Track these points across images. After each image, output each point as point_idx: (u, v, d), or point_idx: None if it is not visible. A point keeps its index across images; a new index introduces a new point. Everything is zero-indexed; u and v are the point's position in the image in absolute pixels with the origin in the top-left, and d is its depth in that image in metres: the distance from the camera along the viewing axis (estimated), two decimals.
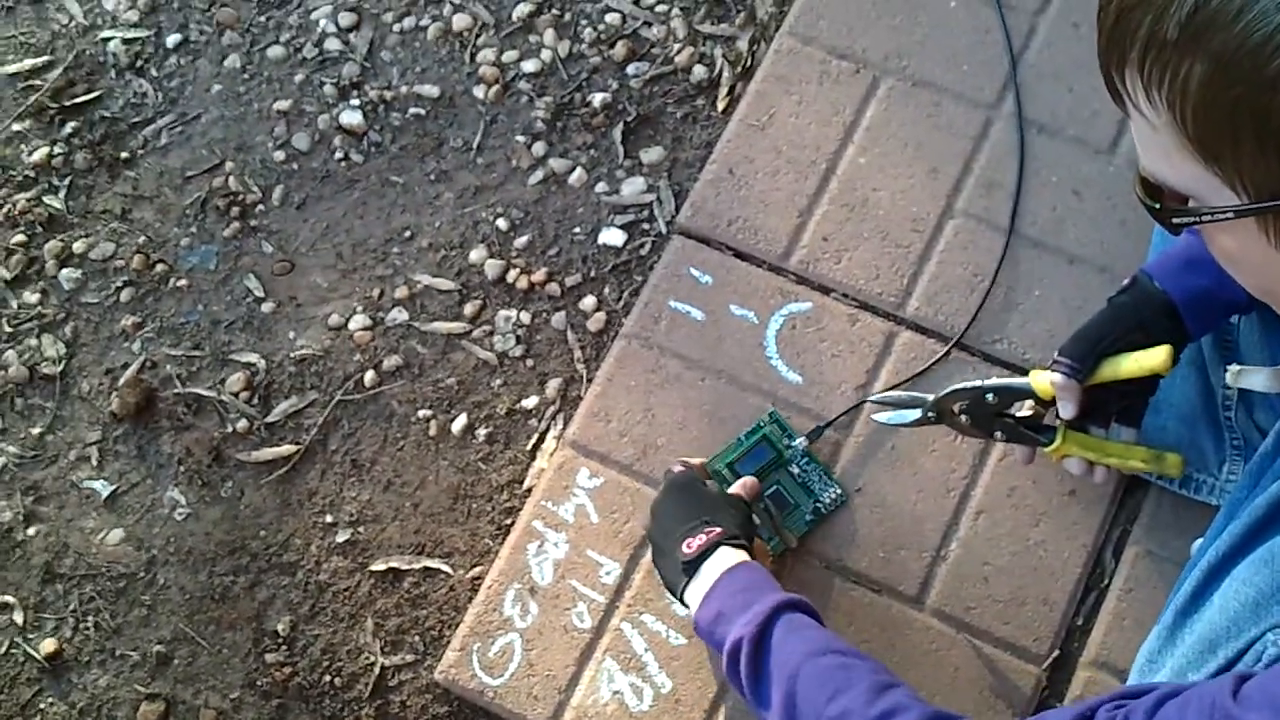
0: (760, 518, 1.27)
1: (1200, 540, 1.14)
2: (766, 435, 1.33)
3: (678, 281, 1.44)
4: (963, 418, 1.20)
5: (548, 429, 1.43)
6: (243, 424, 1.47)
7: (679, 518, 1.22)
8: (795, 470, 1.32)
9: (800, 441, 1.32)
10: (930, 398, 1.21)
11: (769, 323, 1.42)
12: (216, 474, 1.46)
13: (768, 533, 1.28)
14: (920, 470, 1.32)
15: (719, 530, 1.18)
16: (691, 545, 1.18)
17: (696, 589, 1.16)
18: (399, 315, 1.51)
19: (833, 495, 1.31)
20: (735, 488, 1.26)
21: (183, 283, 1.56)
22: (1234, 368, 1.06)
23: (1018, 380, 1.17)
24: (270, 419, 1.48)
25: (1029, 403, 1.16)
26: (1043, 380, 1.15)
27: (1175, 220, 0.75)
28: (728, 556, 1.16)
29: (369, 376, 1.48)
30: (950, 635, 1.26)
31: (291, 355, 1.50)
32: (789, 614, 1.06)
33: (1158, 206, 0.76)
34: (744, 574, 1.13)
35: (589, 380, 1.43)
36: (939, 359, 1.37)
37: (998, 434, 1.20)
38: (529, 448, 1.43)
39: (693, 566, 1.17)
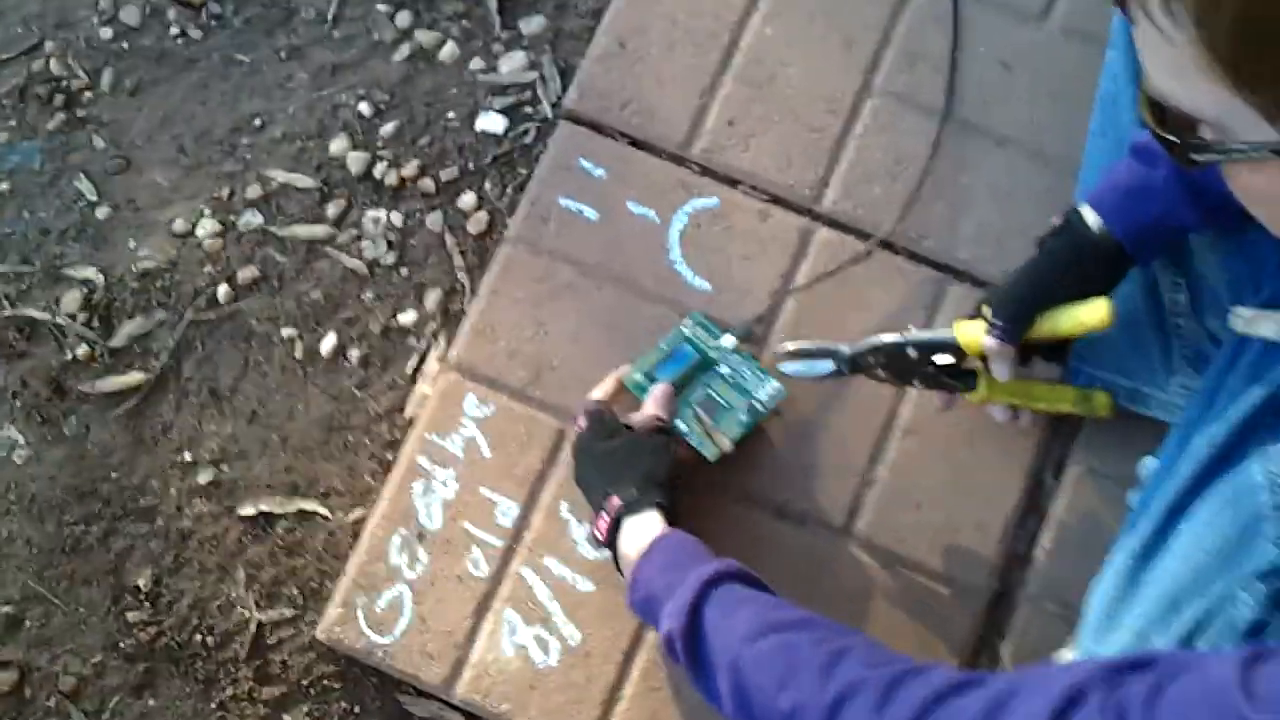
0: (689, 425, 1.16)
1: (1149, 458, 1.06)
2: (688, 336, 1.20)
3: (567, 175, 1.30)
4: (880, 371, 1.13)
5: (429, 349, 1.30)
6: (83, 350, 1.32)
7: (587, 489, 1.13)
8: (725, 370, 1.20)
9: (727, 338, 1.22)
10: (845, 350, 1.13)
11: (671, 222, 1.30)
12: (58, 408, 1.31)
13: (698, 439, 1.18)
14: (843, 389, 1.23)
15: (617, 503, 1.07)
16: (600, 527, 1.08)
17: (625, 570, 1.06)
18: (252, 218, 1.35)
19: (770, 391, 1.18)
20: (647, 401, 1.14)
21: (3, 186, 1.37)
22: (1244, 311, 0.96)
23: (941, 334, 1.09)
24: (114, 343, 1.32)
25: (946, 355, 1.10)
26: (969, 333, 1.07)
27: (1196, 158, 0.64)
28: (637, 530, 1.06)
29: (223, 291, 1.32)
30: (881, 569, 1.18)
31: (133, 268, 1.34)
32: (718, 590, 0.96)
33: (1174, 140, 0.65)
34: (661, 550, 1.02)
35: (472, 291, 1.29)
36: (860, 258, 1.24)
37: (915, 382, 1.13)
38: (409, 371, 1.30)
39: (610, 549, 1.08)
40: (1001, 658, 1.17)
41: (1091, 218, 0.99)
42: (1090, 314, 1.03)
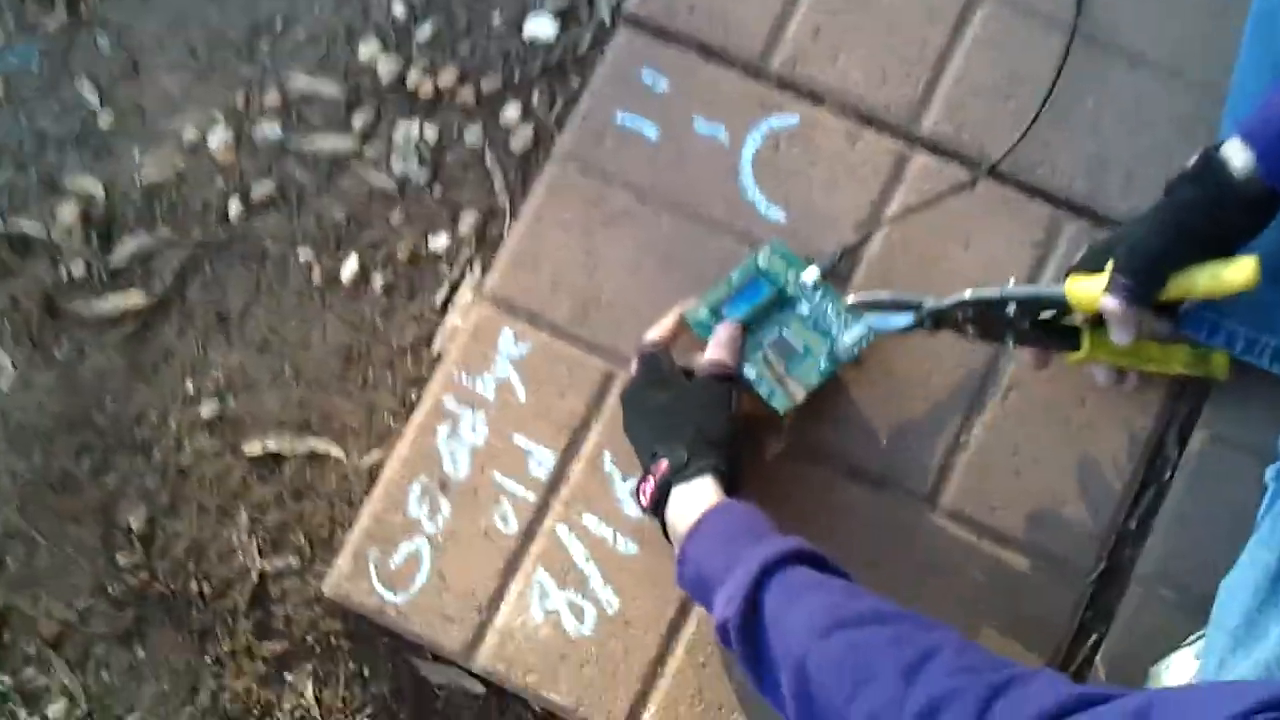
0: (758, 370, 1.01)
1: None
2: (763, 268, 1.04)
3: (626, 87, 1.15)
4: (968, 327, 0.98)
5: (461, 278, 1.14)
6: (80, 268, 1.19)
7: (636, 445, 0.98)
8: (804, 309, 1.04)
9: (810, 271, 1.05)
10: (929, 302, 0.98)
11: (744, 142, 1.14)
12: (50, 331, 1.18)
13: (768, 388, 1.03)
14: (931, 350, 1.05)
15: (665, 466, 0.93)
16: (644, 492, 0.94)
17: (675, 543, 0.92)
18: (270, 129, 1.20)
19: (856, 334, 1.02)
20: (711, 343, 0.99)
21: None
22: None
23: (1048, 290, 0.95)
24: (113, 262, 1.20)
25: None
26: (1086, 291, 0.92)
27: None
28: (687, 498, 0.91)
29: (235, 208, 1.18)
30: (970, 542, 1.03)
31: (137, 181, 1.20)
32: (781, 574, 0.81)
33: None
34: (714, 524, 0.88)
35: (513, 215, 1.14)
36: (963, 188, 1.08)
37: (1007, 339, 0.98)
38: (438, 301, 1.14)
39: (657, 517, 0.94)
40: (1104, 647, 1.00)
41: (1238, 157, 0.84)
42: (1235, 273, 0.88)
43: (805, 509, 1.04)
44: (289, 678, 1.07)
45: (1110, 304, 0.90)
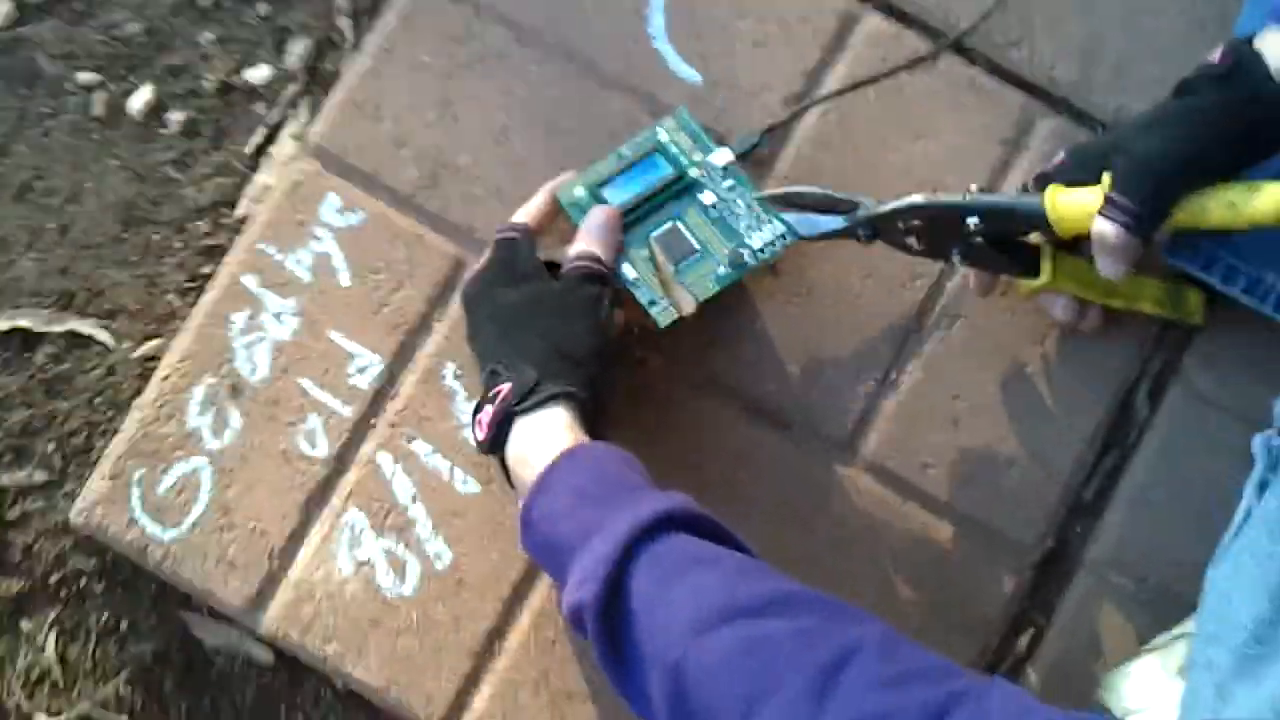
0: (638, 270, 0.80)
1: None
2: (662, 143, 0.83)
3: None
4: (911, 239, 0.79)
5: (282, 122, 0.89)
6: None
7: (478, 362, 0.79)
8: (709, 198, 0.83)
9: (721, 153, 0.84)
10: (867, 204, 0.80)
11: None
12: None
13: (650, 293, 0.80)
14: (867, 261, 0.84)
15: (507, 390, 0.73)
16: (481, 424, 0.74)
17: (519, 493, 0.73)
18: None
19: (769, 235, 0.82)
20: (581, 231, 0.79)
21: None
22: None
23: (1023, 201, 0.76)
24: None
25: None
26: (1071, 207, 0.74)
27: None
28: (533, 435, 0.72)
29: (5, 9, 0.89)
30: (891, 504, 0.85)
31: None
32: (653, 545, 0.63)
33: None
34: (569, 472, 0.69)
35: (356, 45, 0.87)
36: (920, 62, 0.87)
37: (955, 255, 0.79)
38: (249, 150, 0.88)
39: (496, 456, 0.74)
40: (1043, 643, 0.83)
41: (1276, 51, 0.67)
42: (1264, 200, 0.70)
43: (690, 454, 0.85)
44: (25, 626, 0.84)
45: (1107, 230, 0.71)
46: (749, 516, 0.82)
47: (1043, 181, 0.78)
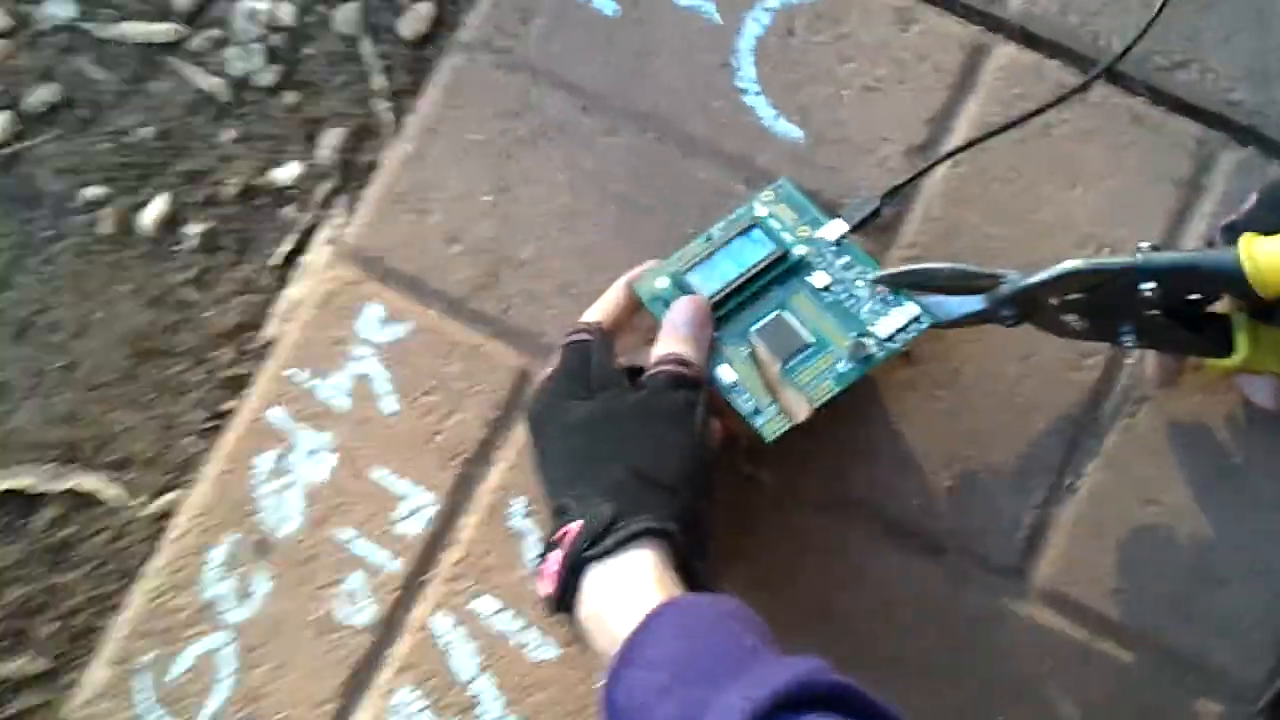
0: (741, 372, 0.65)
1: None
2: (760, 217, 0.69)
3: None
4: (1070, 317, 0.63)
5: (315, 225, 0.76)
6: None
7: (544, 491, 0.63)
8: (821, 279, 0.68)
9: (834, 226, 0.69)
10: (1012, 278, 0.63)
11: (743, 22, 0.77)
12: None
13: (753, 400, 0.64)
14: (1024, 340, 0.67)
15: (576, 528, 0.58)
16: (546, 575, 0.59)
17: (600, 659, 0.56)
18: (59, 9, 0.80)
19: (899, 320, 0.66)
20: (664, 329, 0.64)
21: None
22: None
23: (1211, 257, 0.59)
24: None
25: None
26: (1270, 257, 0.57)
27: None
28: (610, 586, 0.57)
29: (2, 121, 0.78)
30: (1080, 641, 0.69)
31: None
32: None
33: None
34: (661, 633, 0.53)
35: (396, 130, 0.74)
36: (1070, 94, 0.72)
37: (1124, 335, 0.62)
38: (277, 261, 0.75)
39: (563, 610, 0.59)
40: None
41: None
42: None
43: (820, 597, 0.68)
44: None
45: None
46: (901, 671, 0.66)
47: (1232, 233, 0.61)
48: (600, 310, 0.66)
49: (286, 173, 0.80)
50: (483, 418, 0.71)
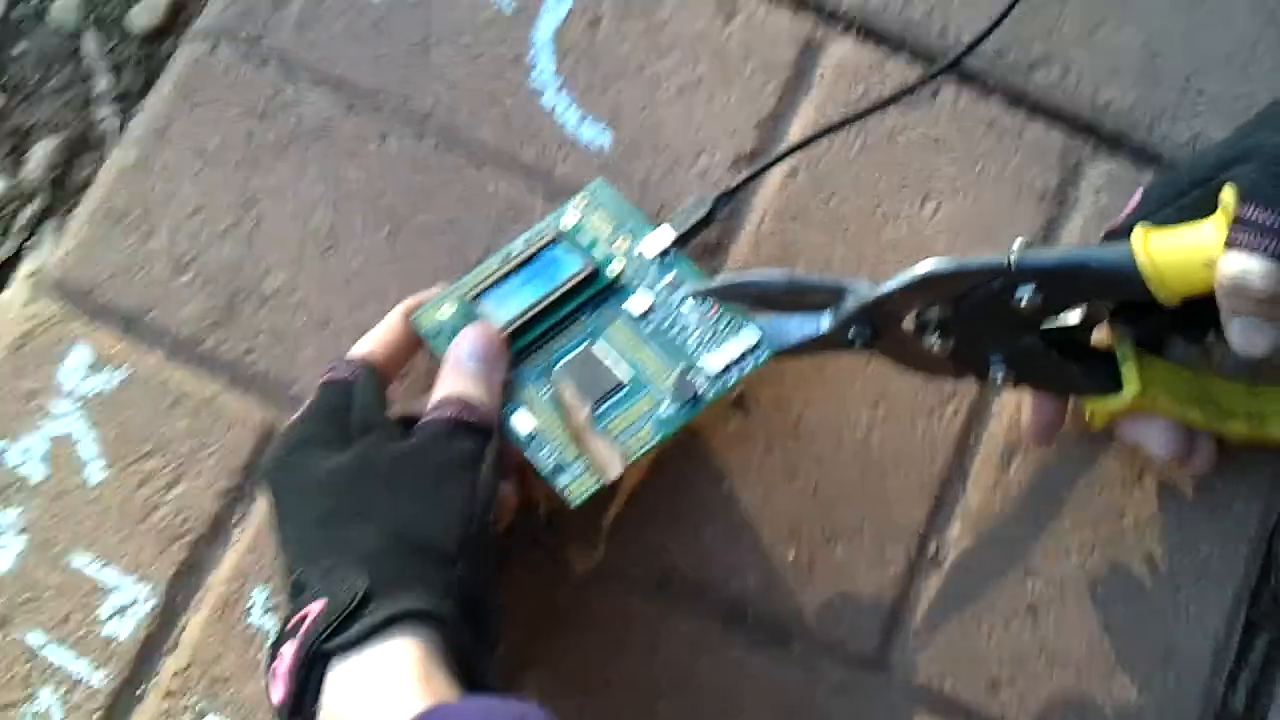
0: (541, 419, 0.54)
1: None
2: (564, 231, 0.59)
3: None
4: (932, 338, 0.53)
5: (16, 257, 0.61)
6: None
7: (283, 562, 0.51)
8: (639, 304, 0.58)
9: (656, 236, 0.59)
10: (855, 293, 0.53)
11: (540, 11, 0.67)
12: None
13: (556, 454, 0.54)
14: (875, 380, 0.57)
15: (316, 607, 0.46)
16: (276, 673, 0.46)
17: None
18: None
19: (735, 351, 0.56)
20: (445, 364, 0.54)
21: None
22: None
23: (1099, 253, 0.50)
24: None
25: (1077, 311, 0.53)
26: (1167, 250, 0.48)
27: None
28: (361, 691, 0.44)
29: None
30: None
31: None
32: None
33: None
34: None
35: (122, 130, 0.60)
36: (913, 88, 0.64)
37: (995, 368, 0.53)
38: None
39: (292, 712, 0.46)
40: None
41: None
42: None
43: (642, 698, 0.57)
44: None
45: (1248, 268, 0.46)
46: None
47: (1115, 238, 0.53)
48: (371, 343, 0.55)
49: None
50: (215, 488, 0.58)
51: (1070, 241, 0.64)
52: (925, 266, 0.51)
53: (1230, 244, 0.47)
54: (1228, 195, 0.47)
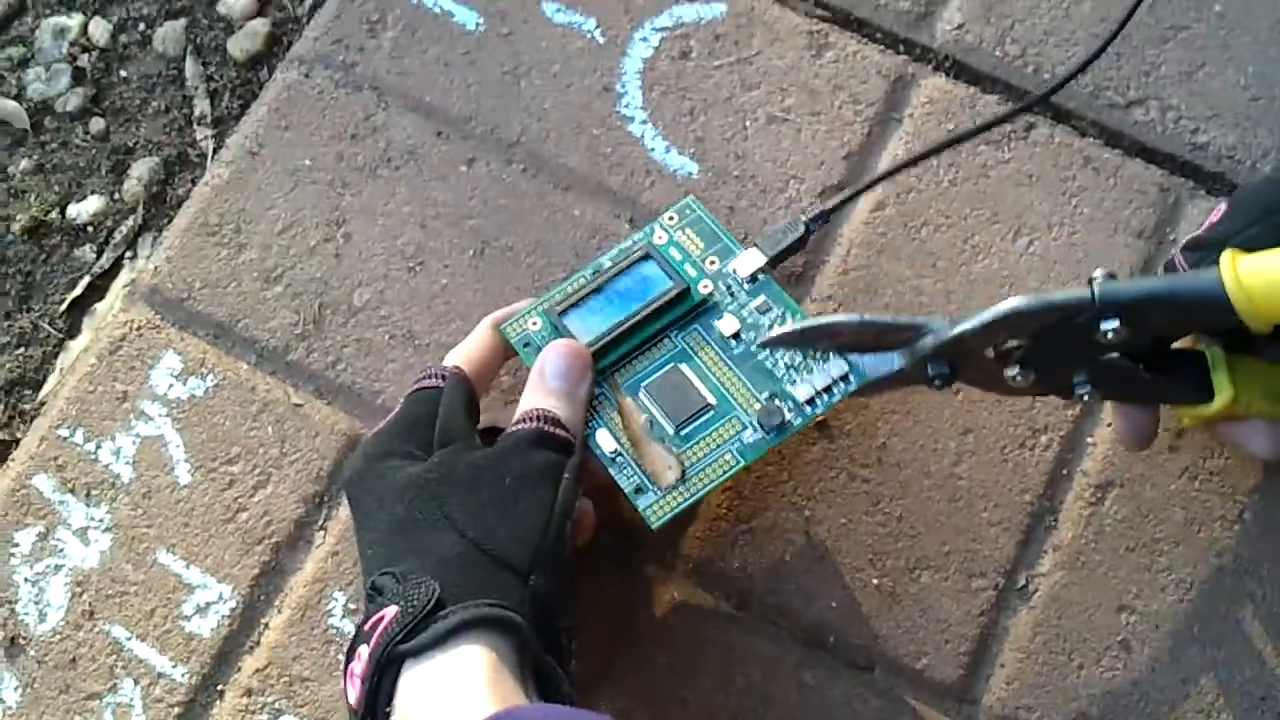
0: (620, 438, 0.56)
1: None
2: (657, 246, 0.60)
3: None
4: (1014, 369, 0.53)
5: (116, 268, 0.66)
6: None
7: (361, 569, 0.53)
8: (731, 324, 0.59)
9: (748, 257, 0.60)
10: (933, 332, 0.54)
11: (629, 42, 0.70)
12: None
13: (637, 474, 0.55)
14: (963, 410, 0.60)
15: (390, 612, 0.48)
16: (352, 675, 0.48)
17: None
18: None
19: (824, 380, 0.57)
20: (532, 380, 0.55)
21: None
22: None
23: (1188, 281, 0.50)
24: None
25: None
26: (1260, 275, 0.48)
27: None
28: (435, 695, 0.46)
29: None
30: None
31: None
32: None
33: None
34: None
35: (218, 151, 0.65)
36: (998, 120, 0.65)
37: (1080, 384, 0.53)
38: (62, 305, 0.64)
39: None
40: None
41: None
42: None
43: (713, 715, 0.58)
44: None
45: None
46: None
47: (1197, 251, 0.55)
48: (461, 355, 0.57)
49: (85, 208, 0.71)
50: (299, 493, 0.61)
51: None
52: (1007, 305, 0.52)
53: None
54: None
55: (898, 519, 0.60)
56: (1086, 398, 0.54)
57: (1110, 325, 0.50)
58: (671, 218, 0.61)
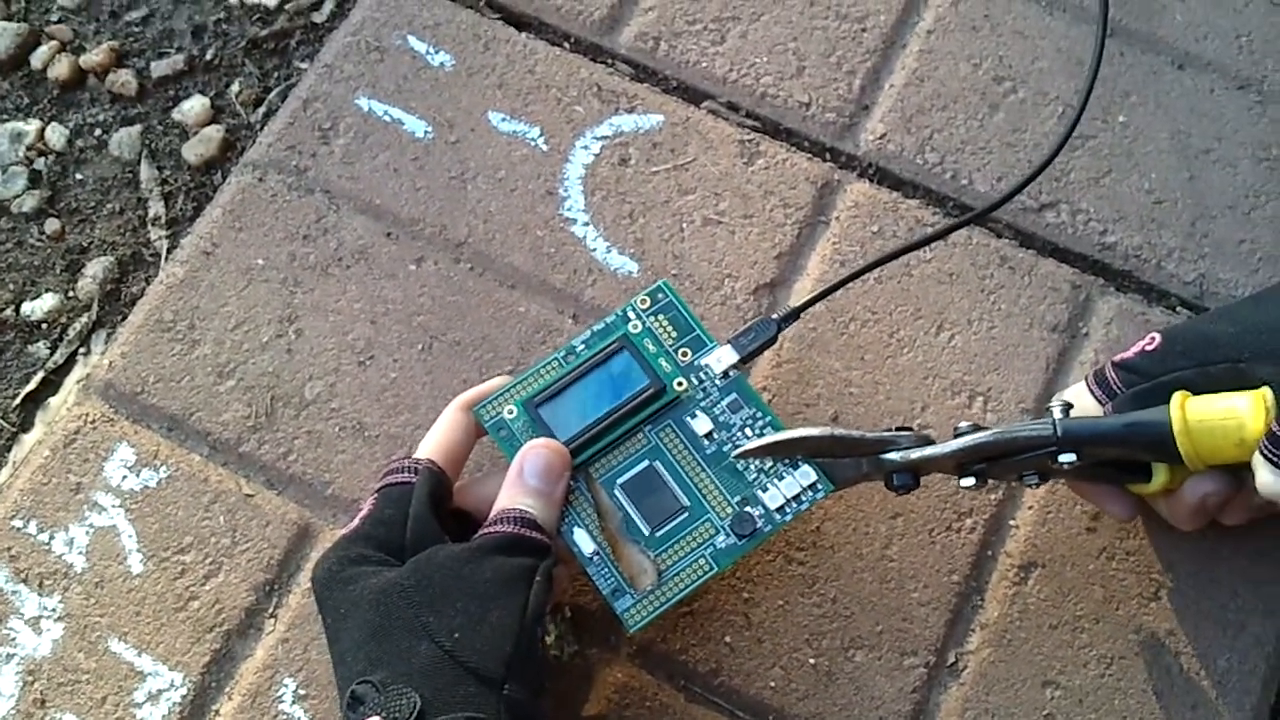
0: (597, 540, 0.57)
1: None
2: (630, 335, 0.61)
3: (380, 60, 0.76)
4: (970, 480, 0.58)
5: (69, 364, 0.68)
6: None
7: (336, 675, 0.53)
8: (704, 424, 0.60)
9: (721, 353, 0.61)
10: (899, 447, 0.59)
11: (571, 150, 0.73)
12: None
13: (614, 576, 0.57)
14: (893, 495, 0.61)
15: None
16: None
17: None
18: None
19: (795, 486, 0.58)
20: (510, 474, 0.56)
21: None
22: None
23: (1141, 420, 0.56)
24: None
25: None
26: (1204, 426, 0.54)
27: None
28: None
29: None
30: None
31: None
32: None
33: None
34: None
35: (173, 251, 0.67)
36: (944, 232, 0.68)
37: (1028, 476, 0.58)
38: (16, 400, 0.65)
39: None
40: None
41: None
42: None
43: None
44: None
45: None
46: None
47: (1130, 374, 0.59)
48: (432, 443, 0.58)
49: (40, 305, 0.72)
50: (249, 581, 0.62)
51: (1082, 370, 0.68)
52: (974, 439, 0.56)
53: (1263, 454, 0.52)
54: (1262, 397, 0.53)
55: (832, 600, 0.62)
56: (1033, 482, 0.58)
57: (1068, 458, 0.55)
58: (644, 301, 0.62)
